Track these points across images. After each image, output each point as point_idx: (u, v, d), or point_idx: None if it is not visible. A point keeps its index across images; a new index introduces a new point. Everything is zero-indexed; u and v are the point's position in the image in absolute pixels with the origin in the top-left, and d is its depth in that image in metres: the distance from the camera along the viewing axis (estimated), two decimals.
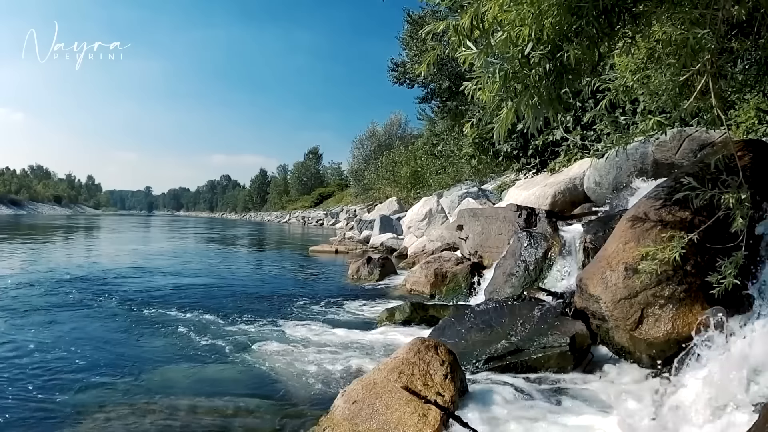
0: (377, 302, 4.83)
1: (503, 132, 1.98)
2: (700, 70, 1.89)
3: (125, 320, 4.04)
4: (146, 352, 3.21)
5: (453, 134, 16.41)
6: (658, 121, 2.21)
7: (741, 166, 1.81)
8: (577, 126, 7.37)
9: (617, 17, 1.88)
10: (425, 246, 8.25)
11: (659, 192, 2.64)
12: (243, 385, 2.64)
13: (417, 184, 17.67)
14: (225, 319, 4.05)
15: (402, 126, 33.07)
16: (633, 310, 2.33)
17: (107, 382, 2.65)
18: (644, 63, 2.33)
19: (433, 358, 2.17)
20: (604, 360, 2.55)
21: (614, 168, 5.22)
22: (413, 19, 17.73)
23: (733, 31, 2.33)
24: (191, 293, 5.40)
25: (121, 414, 2.26)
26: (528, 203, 5.94)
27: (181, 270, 7.53)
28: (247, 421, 2.22)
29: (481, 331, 2.86)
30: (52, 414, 2.26)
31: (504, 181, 10.39)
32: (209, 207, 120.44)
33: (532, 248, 4.06)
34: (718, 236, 1.97)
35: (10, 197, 70.45)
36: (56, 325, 3.86)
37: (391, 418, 1.95)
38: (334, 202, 40.55)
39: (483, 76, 1.85)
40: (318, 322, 3.97)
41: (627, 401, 2.12)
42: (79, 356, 3.05)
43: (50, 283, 5.72)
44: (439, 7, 2.32)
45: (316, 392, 2.53)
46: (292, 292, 5.47)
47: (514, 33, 1.73)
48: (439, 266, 5.35)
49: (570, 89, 1.91)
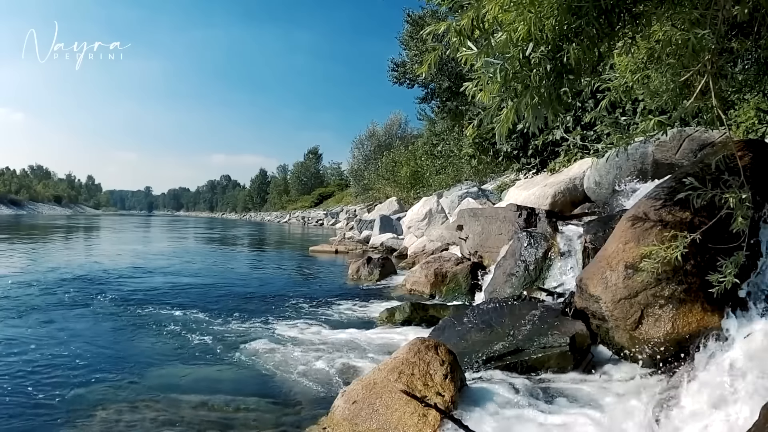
0: (377, 302, 4.83)
1: (503, 132, 1.98)
2: (700, 70, 1.89)
3: (125, 320, 4.04)
4: (146, 352, 3.21)
5: (453, 134, 16.42)
6: (658, 121, 2.21)
7: (741, 166, 1.81)
8: (577, 126, 7.36)
9: (617, 17, 1.88)
10: (425, 246, 8.26)
11: (659, 192, 2.63)
12: (243, 385, 2.64)
13: (417, 184, 17.67)
14: (225, 318, 4.05)
15: (402, 126, 33.11)
16: (633, 310, 2.33)
17: (107, 381, 2.65)
18: (644, 63, 2.33)
19: (433, 358, 2.17)
20: (604, 360, 2.54)
21: (614, 168, 5.22)
22: (413, 19, 17.74)
23: (733, 31, 2.33)
24: (191, 293, 5.40)
25: (120, 414, 2.26)
26: (528, 203, 5.94)
27: (181, 270, 7.53)
28: (247, 421, 2.22)
29: (481, 331, 2.86)
30: (51, 414, 2.26)
31: (504, 181, 10.39)
32: (209, 207, 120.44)
33: (532, 248, 4.06)
34: (718, 236, 1.97)
35: (10, 197, 70.45)
36: (56, 324, 3.86)
37: (391, 418, 1.95)
38: (334, 202, 40.56)
39: (483, 77, 1.85)
40: (318, 322, 3.97)
41: (627, 401, 2.12)
42: (78, 356, 3.05)
43: (50, 282, 5.72)
44: (439, 7, 2.32)
45: (316, 392, 2.53)
46: (292, 292, 5.47)
47: (514, 33, 1.73)
48: (439, 266, 5.35)
49: (570, 89, 1.91)
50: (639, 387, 2.27)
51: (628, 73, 2.53)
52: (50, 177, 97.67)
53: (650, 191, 2.79)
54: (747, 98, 4.53)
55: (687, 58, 1.92)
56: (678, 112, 2.21)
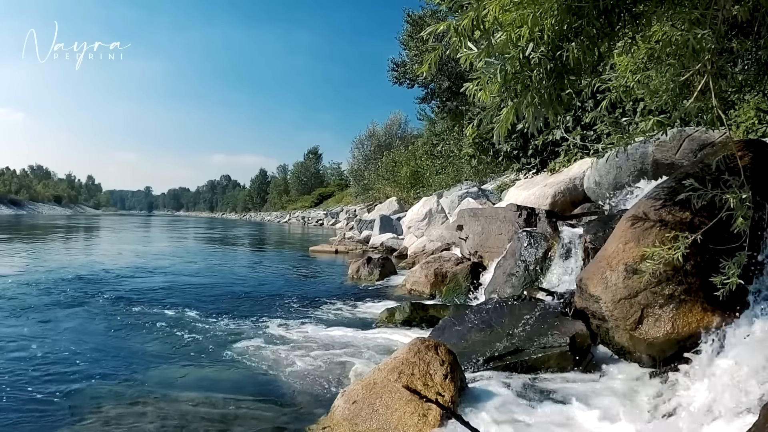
0: (377, 302, 4.83)
1: (503, 132, 1.98)
2: (700, 70, 1.88)
3: (125, 320, 4.04)
4: (145, 352, 3.21)
5: (453, 134, 16.43)
6: (658, 120, 2.20)
7: (741, 166, 1.81)
8: (577, 126, 7.36)
9: (617, 17, 1.88)
10: (425, 246, 8.25)
11: (659, 192, 2.63)
12: (242, 385, 2.64)
13: (417, 184, 17.67)
14: (224, 318, 4.05)
15: (402, 126, 33.10)
16: (633, 310, 2.33)
17: (106, 381, 2.65)
18: (644, 63, 2.33)
19: (433, 358, 2.17)
20: (604, 360, 2.55)
21: (614, 168, 5.22)
22: (413, 19, 17.74)
23: (733, 31, 2.33)
24: (191, 293, 5.40)
25: (120, 413, 2.26)
26: (528, 203, 5.94)
27: (181, 269, 7.53)
28: (246, 421, 2.21)
29: (481, 331, 2.86)
30: (50, 413, 2.26)
31: (504, 181, 10.39)
32: (209, 207, 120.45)
33: (532, 248, 4.06)
34: (718, 236, 1.97)
35: (10, 197, 70.46)
36: (55, 324, 3.86)
37: (391, 418, 1.95)
38: (334, 202, 40.56)
39: (483, 77, 1.85)
40: (318, 322, 3.97)
41: (627, 401, 2.12)
42: (77, 355, 3.05)
43: (49, 282, 5.72)
44: (439, 7, 2.32)
45: (316, 392, 2.53)
46: (292, 292, 5.47)
47: (514, 33, 1.73)
48: (439, 266, 5.35)
49: (570, 89, 1.91)
50: (639, 387, 2.27)
51: (628, 73, 2.53)
52: (50, 177, 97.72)
53: (650, 191, 2.79)
54: (747, 98, 4.53)
55: (687, 58, 1.92)
56: (678, 112, 2.21)
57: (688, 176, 1.96)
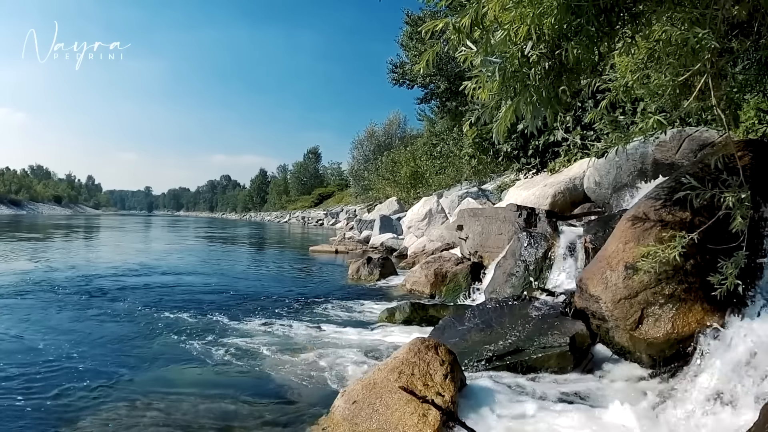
0: (377, 302, 4.82)
1: (502, 131, 1.98)
2: (700, 70, 1.88)
3: (125, 320, 4.04)
4: (145, 352, 3.20)
5: (453, 134, 16.44)
6: (658, 120, 2.20)
7: (741, 166, 1.81)
8: (577, 126, 7.37)
9: (617, 16, 1.88)
10: (425, 246, 8.26)
11: (659, 192, 2.64)
12: (243, 385, 2.64)
13: (417, 184, 17.69)
14: (225, 318, 4.04)
15: (401, 126, 33.13)
16: (633, 310, 2.32)
17: (105, 381, 2.65)
18: (644, 63, 2.33)
19: (433, 358, 2.17)
20: (604, 360, 2.55)
21: (614, 168, 5.22)
22: (412, 20, 17.74)
23: (733, 31, 2.33)
24: (190, 293, 5.40)
25: (119, 413, 2.25)
26: (528, 203, 5.94)
27: (181, 270, 7.53)
28: (246, 421, 2.21)
29: (481, 331, 2.86)
30: (51, 413, 2.26)
31: (504, 181, 10.39)
32: (209, 207, 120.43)
33: (532, 248, 4.06)
34: (718, 236, 1.97)
35: (10, 197, 70.44)
36: (55, 324, 3.85)
37: (391, 418, 1.94)
38: (334, 202, 40.59)
39: (482, 75, 1.85)
40: (318, 322, 3.97)
41: (627, 401, 2.12)
42: (77, 355, 3.04)
43: (49, 282, 5.71)
44: (437, 7, 2.31)
45: (316, 392, 2.53)
46: (292, 292, 5.46)
47: (513, 32, 1.73)
48: (439, 266, 5.35)
49: (569, 88, 1.91)
50: (639, 387, 2.27)
51: (628, 73, 2.53)
52: (50, 177, 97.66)
53: (650, 191, 2.79)
54: (747, 98, 4.52)
55: (687, 58, 1.92)
56: (678, 111, 2.21)
57: (688, 176, 1.96)
